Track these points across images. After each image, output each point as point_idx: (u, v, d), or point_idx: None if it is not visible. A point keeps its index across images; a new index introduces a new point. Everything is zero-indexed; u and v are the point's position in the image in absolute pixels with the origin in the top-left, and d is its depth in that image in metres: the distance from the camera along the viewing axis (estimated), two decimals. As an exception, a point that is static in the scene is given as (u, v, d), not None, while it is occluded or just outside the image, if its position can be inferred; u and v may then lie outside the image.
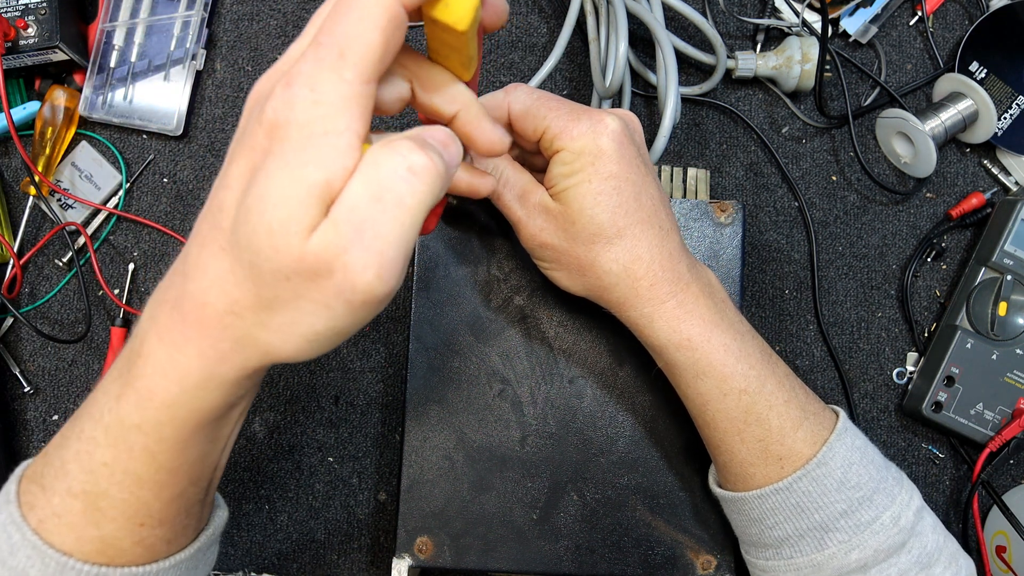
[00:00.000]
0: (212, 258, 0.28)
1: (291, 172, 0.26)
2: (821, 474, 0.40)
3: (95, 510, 0.31)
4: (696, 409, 0.43)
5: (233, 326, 0.28)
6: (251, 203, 0.27)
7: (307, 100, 0.26)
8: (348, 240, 0.26)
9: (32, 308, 0.58)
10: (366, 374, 0.57)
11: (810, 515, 0.40)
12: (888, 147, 0.60)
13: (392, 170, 0.26)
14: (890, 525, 0.39)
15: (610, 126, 0.39)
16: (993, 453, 0.54)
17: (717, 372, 0.40)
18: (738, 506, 0.43)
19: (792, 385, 0.42)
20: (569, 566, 0.48)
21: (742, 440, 0.41)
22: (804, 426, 0.41)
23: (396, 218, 0.26)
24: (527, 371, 0.49)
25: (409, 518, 0.48)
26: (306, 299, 0.27)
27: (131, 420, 0.30)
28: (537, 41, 0.61)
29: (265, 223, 0.26)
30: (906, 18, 0.62)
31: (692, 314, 0.40)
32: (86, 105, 0.58)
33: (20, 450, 0.57)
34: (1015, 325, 0.55)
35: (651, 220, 0.40)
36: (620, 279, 0.40)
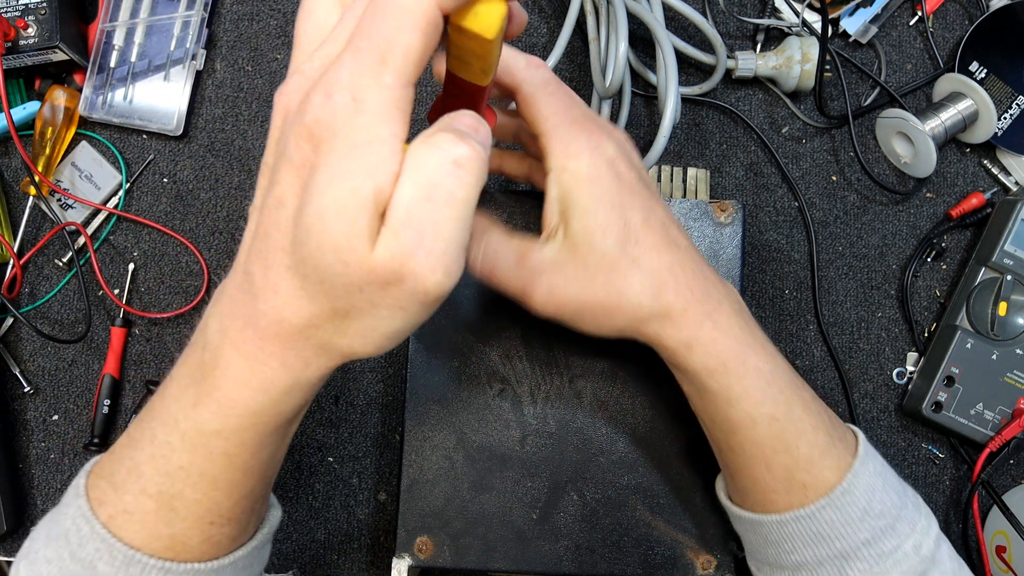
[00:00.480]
0: (281, 279, 0.29)
1: (342, 185, 0.26)
2: (845, 503, 0.38)
3: (169, 510, 0.32)
4: (722, 434, 0.41)
5: (313, 337, 0.29)
6: (310, 222, 0.27)
7: (350, 109, 0.26)
8: (412, 246, 0.27)
9: (32, 308, 0.58)
10: (366, 374, 0.57)
11: (831, 543, 0.38)
12: (888, 147, 0.60)
13: (438, 167, 0.27)
14: (912, 554, 0.38)
15: (607, 152, 0.37)
16: (993, 453, 0.54)
17: (751, 398, 0.38)
18: (754, 527, 0.42)
19: (819, 409, 0.40)
20: (569, 566, 0.48)
21: (768, 468, 0.39)
22: (831, 453, 0.39)
23: (450, 214, 0.27)
24: (527, 371, 0.49)
25: (409, 518, 0.48)
26: (381, 305, 0.28)
27: (211, 427, 0.31)
28: (537, 41, 0.61)
29: (329, 241, 0.27)
30: (906, 18, 0.62)
31: (727, 336, 0.38)
32: (86, 105, 0.58)
33: (20, 450, 0.57)
34: (1015, 325, 0.55)
35: (665, 241, 0.38)
36: (652, 309, 0.38)
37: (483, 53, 0.30)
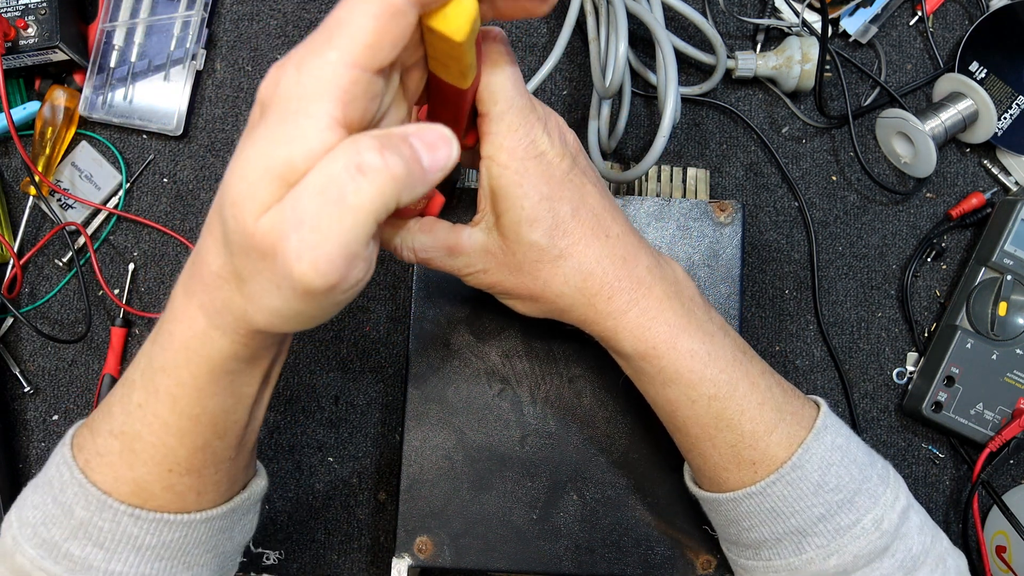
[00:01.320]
0: (209, 224, 0.30)
1: (258, 149, 0.27)
2: (796, 478, 0.38)
3: (130, 451, 0.34)
4: (665, 415, 0.42)
5: (220, 288, 0.30)
6: (226, 176, 0.28)
7: (291, 79, 0.27)
8: (289, 226, 0.26)
9: (32, 308, 0.58)
10: (366, 374, 0.57)
11: (786, 520, 0.39)
12: (888, 147, 0.60)
13: (342, 166, 0.26)
14: (872, 529, 0.38)
15: (540, 145, 0.36)
16: (993, 453, 0.54)
17: (684, 379, 0.39)
18: (713, 506, 0.42)
19: (768, 384, 0.40)
20: (569, 566, 0.48)
21: (714, 445, 0.40)
22: (779, 428, 0.39)
23: (336, 215, 0.25)
24: (527, 371, 0.49)
25: (409, 518, 0.48)
26: (261, 276, 0.28)
27: (158, 362, 0.33)
28: (537, 41, 0.61)
29: (230, 196, 0.27)
30: (906, 18, 0.62)
31: (656, 320, 0.38)
32: (86, 105, 0.58)
33: (20, 450, 0.57)
34: (1015, 325, 0.55)
35: (595, 232, 0.38)
36: (575, 299, 0.38)
37: (457, 55, 0.30)
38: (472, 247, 0.39)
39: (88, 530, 0.34)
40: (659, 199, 0.51)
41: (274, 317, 0.29)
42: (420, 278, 0.50)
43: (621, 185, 0.56)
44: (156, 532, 0.35)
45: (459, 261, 0.39)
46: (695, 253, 0.51)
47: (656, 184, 0.56)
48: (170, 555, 0.36)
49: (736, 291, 0.50)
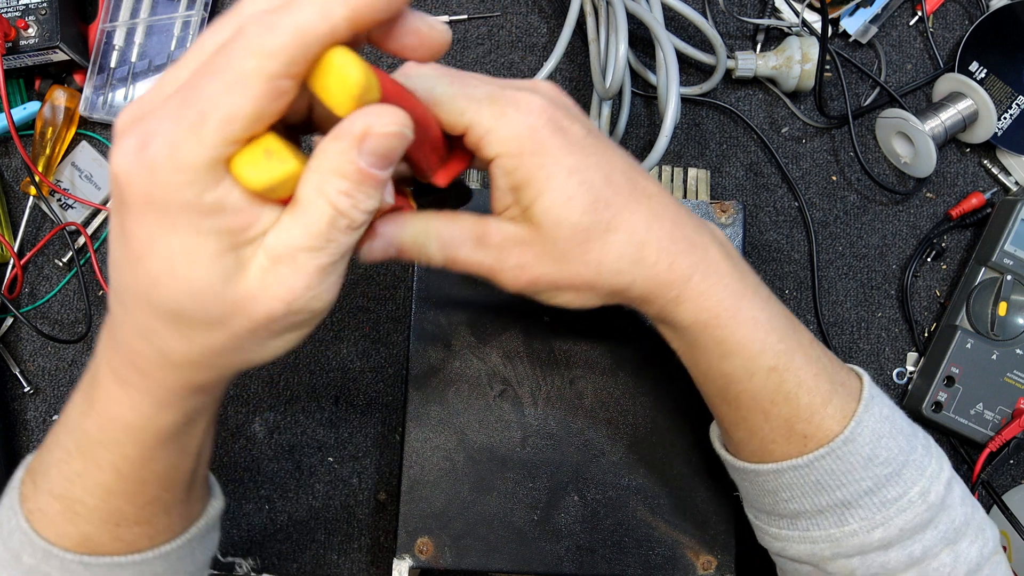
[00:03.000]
0: (125, 317, 0.29)
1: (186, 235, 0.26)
2: (847, 451, 0.36)
3: (72, 512, 0.33)
4: (717, 389, 0.39)
5: (172, 375, 0.30)
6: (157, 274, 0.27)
7: (166, 165, 0.25)
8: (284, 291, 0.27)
9: (32, 308, 0.58)
10: (366, 374, 0.57)
11: (832, 492, 0.37)
12: (888, 147, 0.60)
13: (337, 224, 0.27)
14: (918, 501, 0.37)
15: (545, 114, 0.32)
16: (993, 453, 0.54)
17: (746, 350, 0.36)
18: (750, 476, 0.40)
19: (819, 355, 0.38)
20: (570, 566, 0.48)
21: (767, 419, 0.37)
22: (833, 401, 0.37)
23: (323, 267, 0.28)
24: (528, 371, 0.49)
25: (410, 519, 0.48)
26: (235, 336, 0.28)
27: (95, 437, 0.32)
28: (537, 41, 0.61)
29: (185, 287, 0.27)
30: (906, 18, 0.62)
31: (717, 285, 0.35)
32: (86, 105, 0.58)
33: (20, 450, 0.57)
34: (1015, 325, 0.55)
35: (634, 194, 0.34)
36: (636, 274, 0.34)
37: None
38: (503, 237, 0.34)
39: (37, 575, 0.33)
40: (659, 199, 0.51)
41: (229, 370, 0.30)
42: (421, 278, 0.50)
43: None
44: (109, 574, 0.34)
45: (491, 256, 0.35)
46: (695, 253, 0.51)
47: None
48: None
49: (736, 291, 0.50)
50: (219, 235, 0.26)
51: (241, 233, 0.27)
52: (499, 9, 0.61)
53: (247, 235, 0.27)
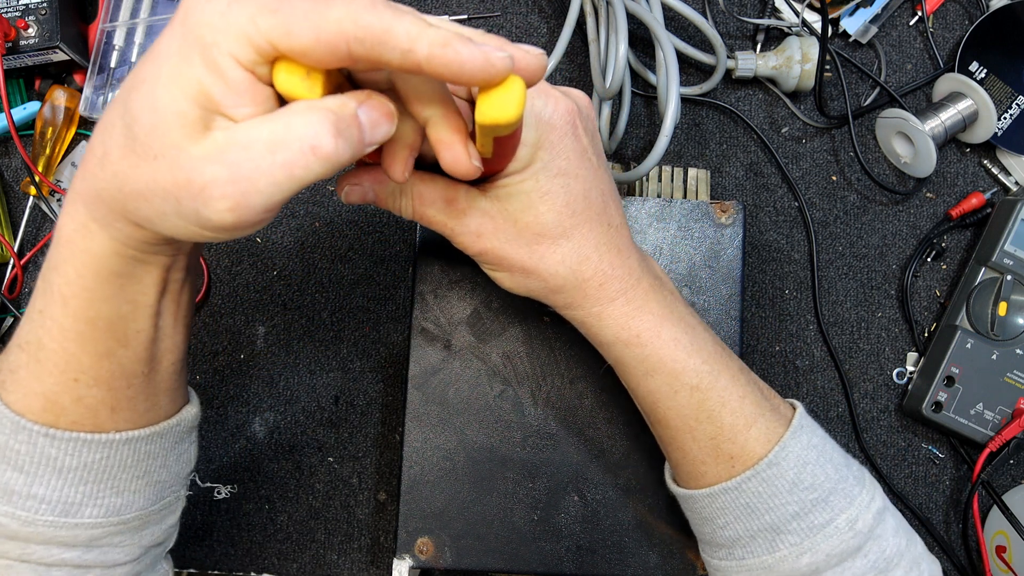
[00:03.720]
0: (109, 121, 0.29)
1: (187, 68, 0.27)
2: (772, 475, 0.38)
3: (35, 362, 0.33)
4: (647, 407, 0.42)
5: (98, 177, 0.29)
6: (146, 75, 0.27)
7: (216, 9, 0.26)
8: (225, 168, 0.26)
9: (32, 308, 0.58)
10: (366, 374, 0.57)
11: (760, 516, 0.39)
12: (888, 147, 0.60)
13: (300, 138, 0.26)
14: (845, 528, 0.38)
15: (561, 110, 0.36)
16: (993, 453, 0.54)
17: (668, 368, 0.39)
18: (690, 504, 0.42)
19: (747, 380, 0.40)
20: (570, 566, 0.48)
21: (694, 438, 0.40)
22: (758, 423, 0.39)
23: (276, 178, 0.27)
24: (528, 371, 0.49)
25: (410, 519, 0.48)
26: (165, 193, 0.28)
27: (51, 262, 0.32)
28: (537, 41, 0.61)
29: (154, 105, 0.27)
30: (906, 18, 0.62)
31: (641, 310, 0.39)
32: (86, 105, 0.58)
33: (20, 450, 0.57)
34: (1015, 325, 0.55)
35: (599, 218, 0.38)
36: (567, 281, 0.38)
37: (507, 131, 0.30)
38: (470, 204, 0.37)
39: (6, 454, 0.33)
40: (660, 200, 0.51)
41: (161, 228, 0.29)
42: (421, 278, 0.50)
43: (622, 186, 0.56)
44: (75, 453, 0.34)
45: (453, 219, 0.38)
46: (696, 254, 0.51)
47: (657, 184, 0.56)
48: (94, 478, 0.34)
49: (737, 292, 0.50)
50: (203, 95, 0.27)
51: (218, 106, 0.27)
52: (499, 9, 0.61)
53: (220, 110, 0.27)
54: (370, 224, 0.59)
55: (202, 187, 0.26)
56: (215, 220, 0.27)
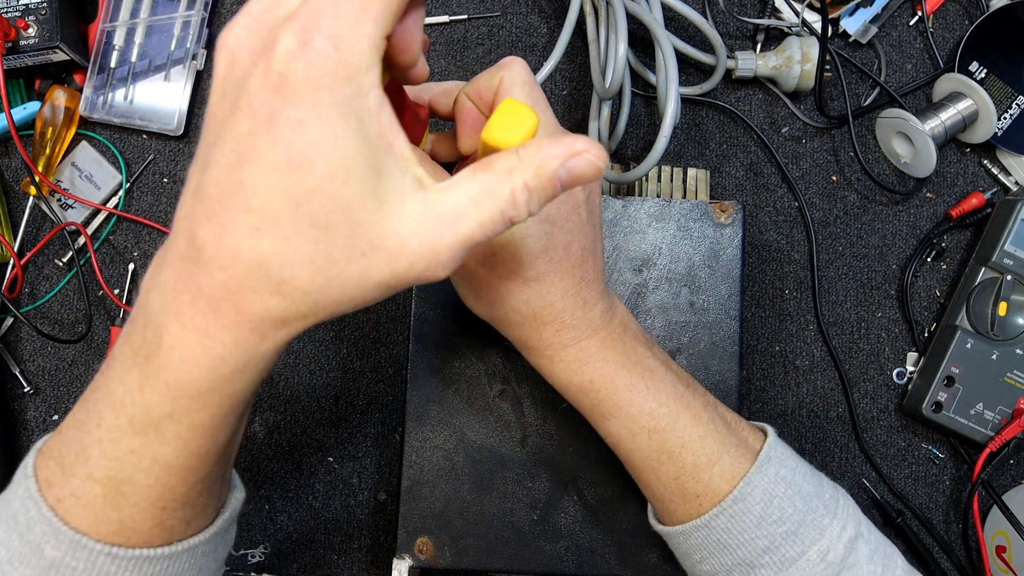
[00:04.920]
0: (242, 243, 0.26)
1: (348, 141, 0.25)
2: (739, 510, 0.39)
3: (118, 494, 0.31)
4: (611, 447, 0.42)
5: (280, 306, 0.27)
6: (317, 180, 0.25)
7: (332, 58, 0.25)
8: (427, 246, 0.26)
9: (32, 308, 0.58)
10: (366, 374, 0.57)
11: (733, 551, 0.39)
12: (888, 147, 0.60)
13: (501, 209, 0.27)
14: (817, 561, 0.38)
15: None
16: (993, 453, 0.54)
17: (623, 412, 0.39)
18: (668, 539, 0.43)
19: (711, 417, 0.40)
20: (569, 566, 0.48)
21: (657, 478, 0.40)
22: (721, 461, 0.39)
23: (474, 241, 0.27)
24: (528, 371, 0.49)
25: (409, 518, 0.48)
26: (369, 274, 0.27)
27: (160, 411, 0.29)
28: (537, 41, 0.61)
29: (343, 199, 0.25)
30: (906, 18, 0.62)
31: (595, 358, 0.39)
32: (86, 105, 0.58)
33: (20, 450, 0.57)
34: (1015, 325, 0.55)
35: (573, 270, 0.37)
36: (525, 320, 0.38)
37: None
38: None
39: (60, 570, 0.31)
40: (660, 200, 0.51)
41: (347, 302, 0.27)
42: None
43: (622, 186, 0.56)
44: (135, 569, 0.32)
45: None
46: (695, 254, 0.51)
47: (656, 184, 0.56)
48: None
49: (737, 292, 0.50)
50: (375, 148, 0.26)
51: (389, 149, 0.26)
52: (499, 9, 0.61)
53: (392, 151, 0.26)
54: (370, 224, 0.59)
55: (409, 266, 0.26)
56: (402, 285, 0.27)
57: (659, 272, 0.51)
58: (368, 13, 0.25)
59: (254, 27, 0.26)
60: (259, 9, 0.27)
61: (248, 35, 0.26)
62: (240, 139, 0.25)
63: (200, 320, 0.27)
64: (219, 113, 0.27)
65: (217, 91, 0.27)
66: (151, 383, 0.29)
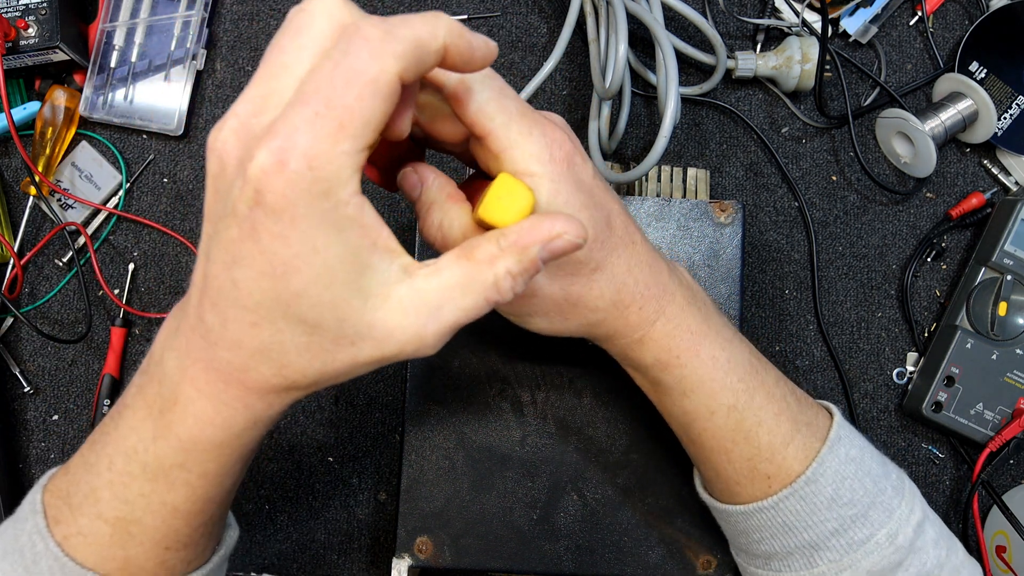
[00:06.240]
0: (244, 335, 0.28)
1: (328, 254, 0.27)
2: (810, 492, 0.37)
3: (125, 535, 0.32)
4: (680, 427, 0.41)
5: (281, 384, 0.29)
6: (302, 287, 0.27)
7: (307, 178, 0.25)
8: (414, 329, 0.28)
9: (32, 308, 0.58)
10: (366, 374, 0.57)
11: (799, 534, 0.38)
12: (888, 147, 0.60)
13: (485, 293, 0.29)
14: (886, 544, 0.37)
15: (565, 149, 0.33)
16: (993, 453, 0.54)
17: (705, 388, 0.38)
18: (723, 516, 0.42)
19: (783, 393, 0.39)
20: (569, 566, 0.48)
21: (729, 460, 0.39)
22: (795, 441, 0.38)
23: (459, 324, 0.29)
24: (527, 371, 0.49)
25: (409, 518, 0.48)
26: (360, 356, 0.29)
27: (173, 460, 0.31)
28: (537, 41, 0.61)
29: (328, 302, 0.27)
30: (906, 18, 0.62)
31: (680, 327, 0.37)
32: (86, 105, 0.58)
33: (20, 450, 0.57)
34: (1015, 325, 0.55)
35: (623, 240, 0.36)
36: (608, 313, 0.36)
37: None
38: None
39: None
40: (659, 199, 0.51)
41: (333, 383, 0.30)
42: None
43: (621, 186, 0.56)
44: None
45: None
46: (695, 253, 0.51)
47: (656, 184, 0.56)
48: None
49: (736, 291, 0.50)
50: (357, 250, 0.27)
51: (373, 247, 0.28)
52: (499, 9, 0.61)
53: (376, 248, 0.28)
54: (370, 224, 0.59)
55: (398, 350, 0.28)
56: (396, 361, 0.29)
57: (659, 272, 0.51)
58: (346, 131, 0.25)
59: (241, 132, 0.27)
60: (245, 113, 0.28)
61: (235, 141, 0.27)
62: (231, 243, 0.27)
63: (211, 388, 0.30)
64: (214, 211, 0.28)
65: (211, 189, 0.29)
66: (164, 435, 0.31)
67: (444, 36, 0.27)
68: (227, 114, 0.28)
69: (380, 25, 0.26)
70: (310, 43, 0.27)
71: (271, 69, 0.28)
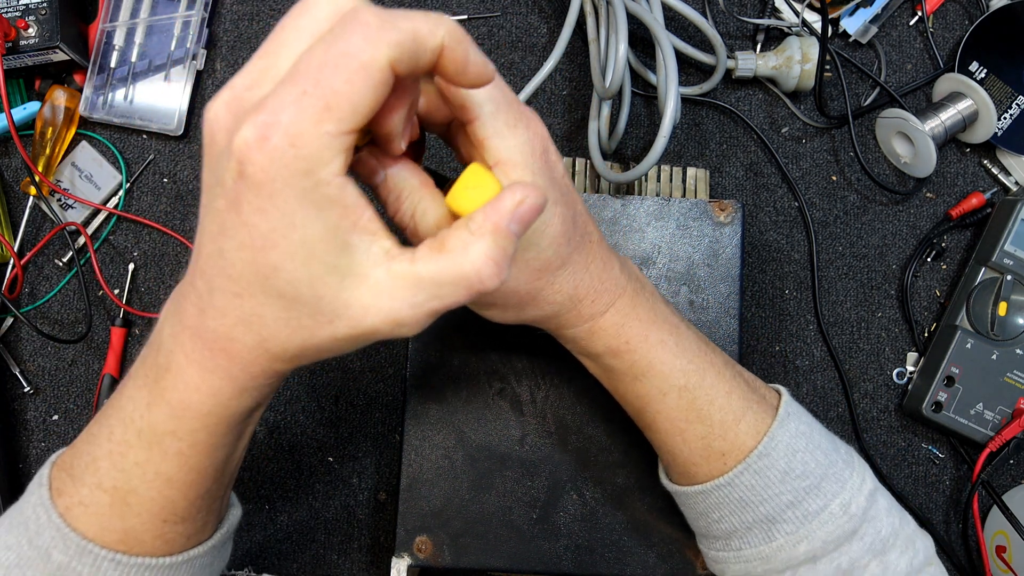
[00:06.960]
0: (228, 304, 0.29)
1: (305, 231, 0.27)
2: (763, 466, 0.38)
3: (123, 505, 0.33)
4: (635, 412, 0.42)
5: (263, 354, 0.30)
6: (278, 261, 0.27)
7: (288, 154, 0.26)
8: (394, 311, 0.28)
9: (32, 308, 0.58)
10: (366, 374, 0.57)
11: (755, 508, 0.39)
12: (888, 147, 0.60)
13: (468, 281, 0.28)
14: (839, 513, 0.38)
15: (542, 135, 0.34)
16: (993, 453, 0.54)
17: (656, 371, 0.39)
18: (684, 500, 0.43)
19: (732, 374, 0.40)
20: (568, 565, 0.48)
21: (684, 440, 0.40)
22: (747, 417, 0.39)
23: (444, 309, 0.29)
24: (526, 370, 0.49)
25: (408, 517, 0.48)
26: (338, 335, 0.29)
27: (164, 427, 0.32)
28: (537, 41, 0.61)
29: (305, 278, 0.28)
30: (906, 18, 0.62)
31: (629, 316, 0.39)
32: (86, 105, 0.58)
33: (20, 450, 0.57)
34: (1015, 325, 0.55)
35: (584, 237, 0.37)
36: (563, 306, 0.38)
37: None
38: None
39: (66, 574, 0.33)
40: (659, 199, 0.51)
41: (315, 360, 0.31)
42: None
43: (621, 185, 0.56)
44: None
45: None
46: (695, 253, 0.51)
47: (656, 184, 0.56)
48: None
49: (736, 291, 0.50)
50: (336, 229, 0.27)
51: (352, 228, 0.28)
52: (499, 9, 0.61)
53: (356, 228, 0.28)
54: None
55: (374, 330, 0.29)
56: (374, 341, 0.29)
57: (658, 271, 0.51)
58: (332, 113, 0.26)
59: (233, 104, 0.28)
60: (241, 85, 0.28)
61: (226, 113, 0.28)
62: (218, 213, 0.28)
63: (198, 355, 0.30)
64: (206, 181, 0.29)
65: (205, 159, 0.29)
66: (158, 402, 0.32)
67: (443, 37, 0.27)
68: (224, 86, 0.29)
69: (380, 13, 0.26)
70: (310, 24, 0.28)
71: (270, 46, 0.28)
